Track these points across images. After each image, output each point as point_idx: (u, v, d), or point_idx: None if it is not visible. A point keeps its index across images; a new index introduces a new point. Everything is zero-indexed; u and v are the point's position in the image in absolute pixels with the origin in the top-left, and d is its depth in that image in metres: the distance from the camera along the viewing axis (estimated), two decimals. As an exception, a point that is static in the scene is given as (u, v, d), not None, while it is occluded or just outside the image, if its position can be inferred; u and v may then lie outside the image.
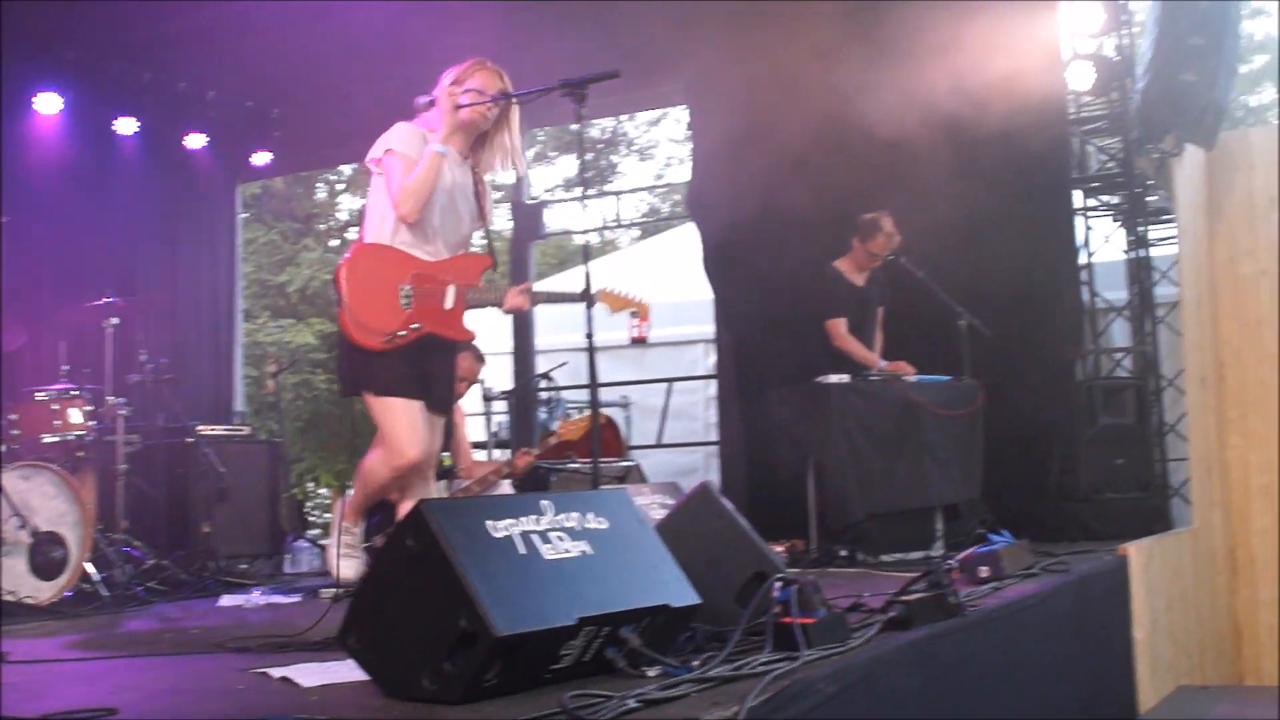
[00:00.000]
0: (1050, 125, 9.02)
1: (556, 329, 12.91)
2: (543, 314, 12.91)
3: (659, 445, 12.48)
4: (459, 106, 5.36)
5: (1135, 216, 9.68)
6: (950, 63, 8.45)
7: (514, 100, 5.47)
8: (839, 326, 8.46)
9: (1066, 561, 6.45)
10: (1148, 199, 9.65)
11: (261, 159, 12.31)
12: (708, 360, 12.79)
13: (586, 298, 5.31)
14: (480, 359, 8.82)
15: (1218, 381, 9.61)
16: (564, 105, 7.60)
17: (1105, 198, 9.81)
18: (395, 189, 5.19)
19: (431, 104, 5.39)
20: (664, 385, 12.60)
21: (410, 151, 5.25)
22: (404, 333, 5.19)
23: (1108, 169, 9.71)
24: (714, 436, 11.78)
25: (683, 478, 10.11)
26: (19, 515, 6.99)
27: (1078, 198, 9.59)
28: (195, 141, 11.80)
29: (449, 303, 5.31)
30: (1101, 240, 9.83)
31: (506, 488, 8.29)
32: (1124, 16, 9.41)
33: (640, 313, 5.69)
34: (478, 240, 5.66)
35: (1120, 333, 10.24)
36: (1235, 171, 9.81)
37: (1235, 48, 9.01)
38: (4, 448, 7.47)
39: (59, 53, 10.27)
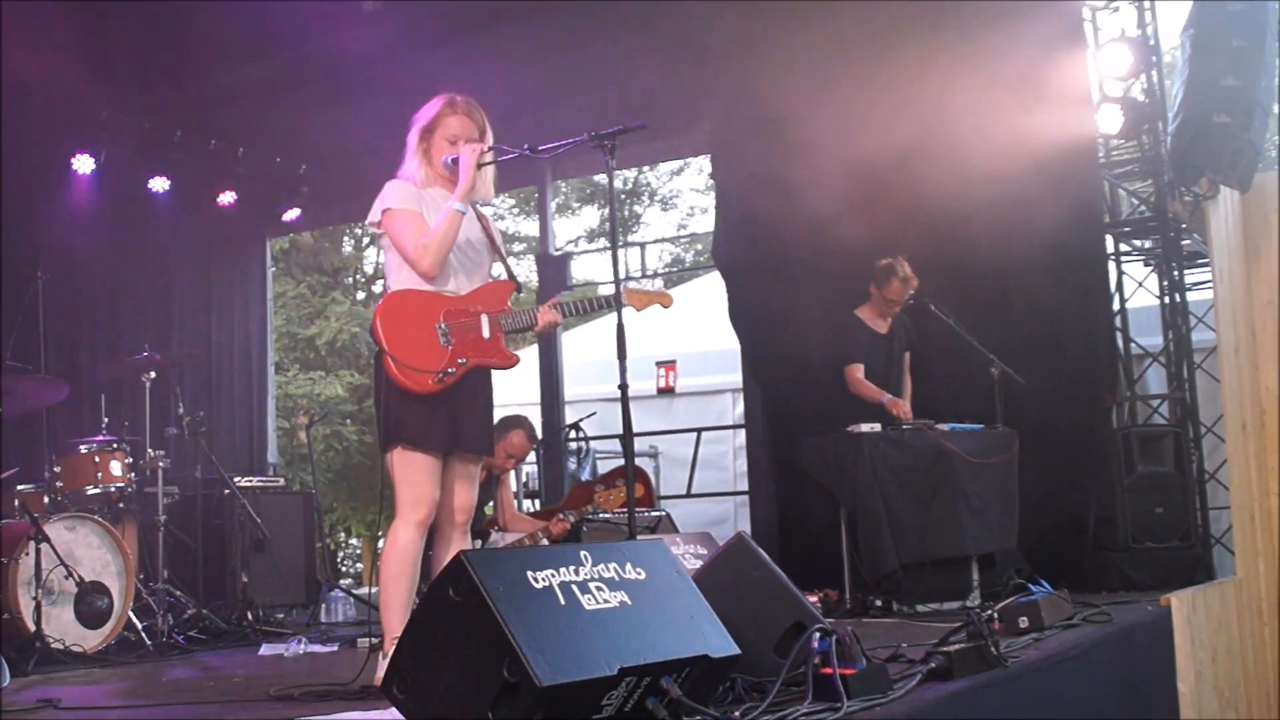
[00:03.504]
0: (1081, 170, 8.95)
1: (585, 379, 12.91)
2: (571, 365, 12.90)
3: (689, 495, 12.42)
4: (481, 164, 5.35)
5: (1169, 261, 9.58)
6: (979, 109, 8.41)
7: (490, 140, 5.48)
8: (855, 371, 8.48)
9: (1108, 612, 6.37)
10: (1182, 243, 9.55)
11: (290, 214, 12.33)
12: (735, 409, 12.76)
13: (614, 301, 5.37)
14: (533, 439, 8.88)
15: (1259, 428, 9.45)
16: (588, 157, 7.63)
17: (1138, 242, 9.72)
18: (410, 245, 5.19)
19: (455, 162, 5.36)
20: (692, 435, 12.55)
21: (408, 205, 5.27)
22: (453, 369, 5.19)
23: (1140, 213, 9.63)
24: (743, 486, 11.71)
25: (713, 527, 10.06)
26: (65, 565, 7.12)
27: (1110, 243, 9.51)
28: (226, 198, 11.85)
29: (486, 332, 5.32)
30: (1135, 285, 9.74)
31: (541, 539, 8.30)
32: (1153, 58, 9.34)
33: (664, 303, 5.65)
34: (498, 270, 5.68)
35: (1155, 379, 10.14)
36: (1272, 213, 9.70)
37: (1270, 88, 8.91)
38: (49, 499, 7.69)
39: (92, 113, 10.35)
